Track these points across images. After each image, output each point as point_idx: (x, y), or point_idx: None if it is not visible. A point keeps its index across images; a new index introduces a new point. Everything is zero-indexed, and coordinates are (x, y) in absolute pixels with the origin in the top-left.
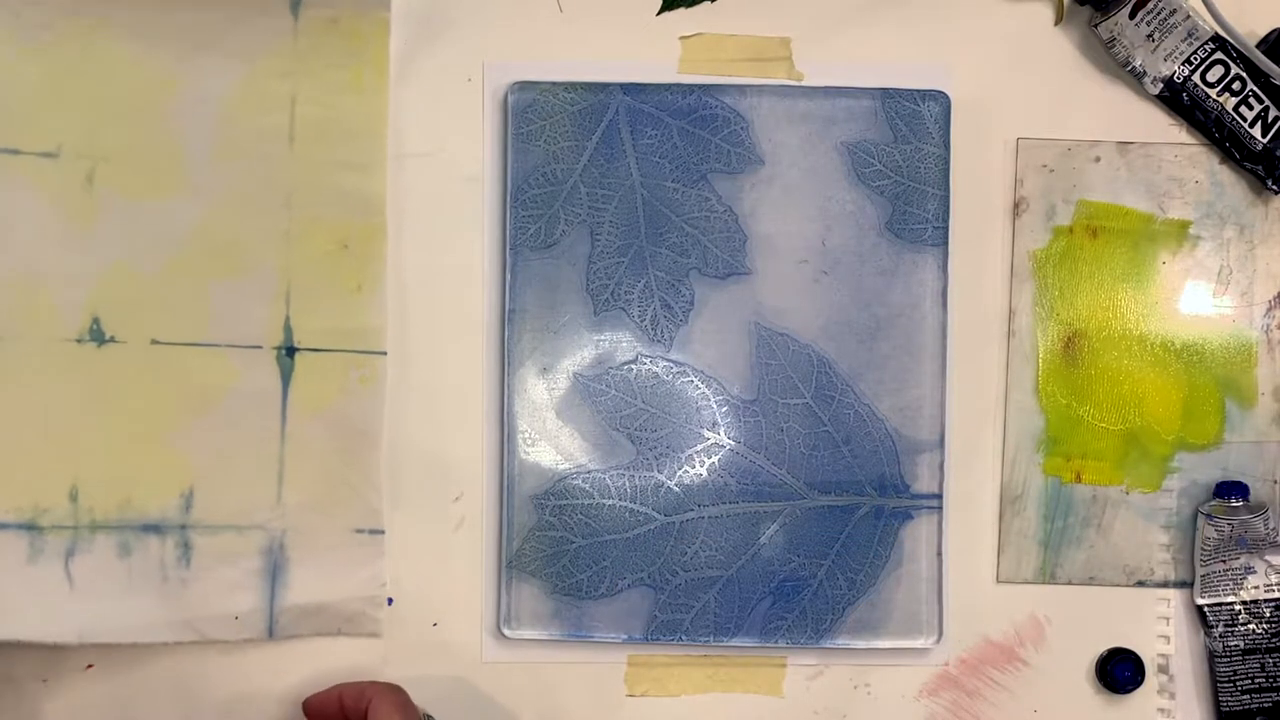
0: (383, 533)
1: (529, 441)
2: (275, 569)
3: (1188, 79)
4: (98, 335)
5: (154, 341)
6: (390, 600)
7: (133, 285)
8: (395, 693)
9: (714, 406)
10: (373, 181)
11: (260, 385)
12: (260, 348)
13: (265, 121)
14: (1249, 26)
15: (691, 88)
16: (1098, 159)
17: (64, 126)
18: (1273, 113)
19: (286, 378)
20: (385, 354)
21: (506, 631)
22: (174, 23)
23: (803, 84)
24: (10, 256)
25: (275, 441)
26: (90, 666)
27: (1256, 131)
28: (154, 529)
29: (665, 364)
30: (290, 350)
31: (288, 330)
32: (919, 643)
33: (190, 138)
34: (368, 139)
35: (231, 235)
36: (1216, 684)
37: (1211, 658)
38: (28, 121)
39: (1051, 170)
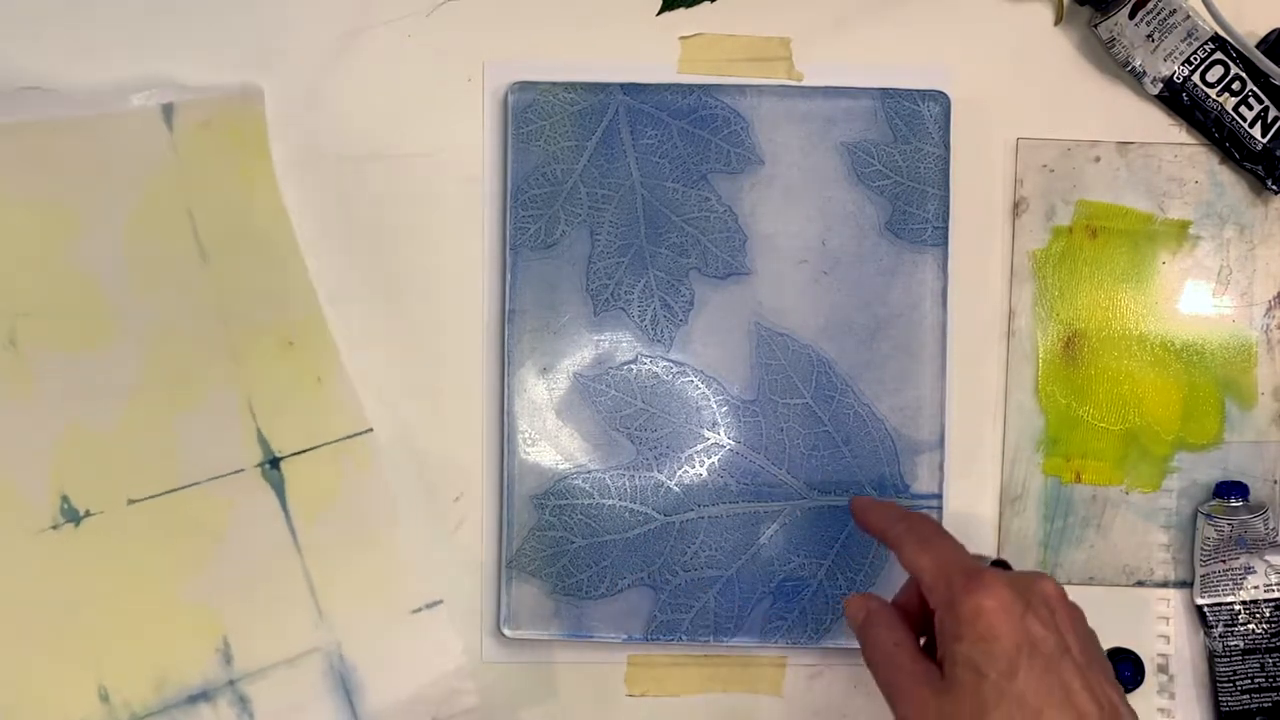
0: (440, 602)
1: (529, 441)
2: (345, 685)
3: (1187, 79)
4: (72, 514)
5: (131, 501)
6: None
7: (92, 447)
8: (923, 526)
9: (714, 406)
10: (294, 274)
11: (257, 508)
12: (243, 470)
13: (172, 245)
14: (1249, 26)
15: (691, 88)
16: (1098, 159)
17: None
18: (1272, 113)
19: (280, 490)
20: (371, 430)
21: (506, 631)
22: (59, 158)
23: (803, 84)
24: None
25: (293, 557)
26: None
27: (1256, 131)
28: (202, 697)
29: (665, 364)
30: (274, 462)
31: (264, 443)
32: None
33: (105, 276)
34: (274, 233)
35: (178, 368)
36: (1216, 684)
37: (1211, 658)
38: None
39: (1051, 170)
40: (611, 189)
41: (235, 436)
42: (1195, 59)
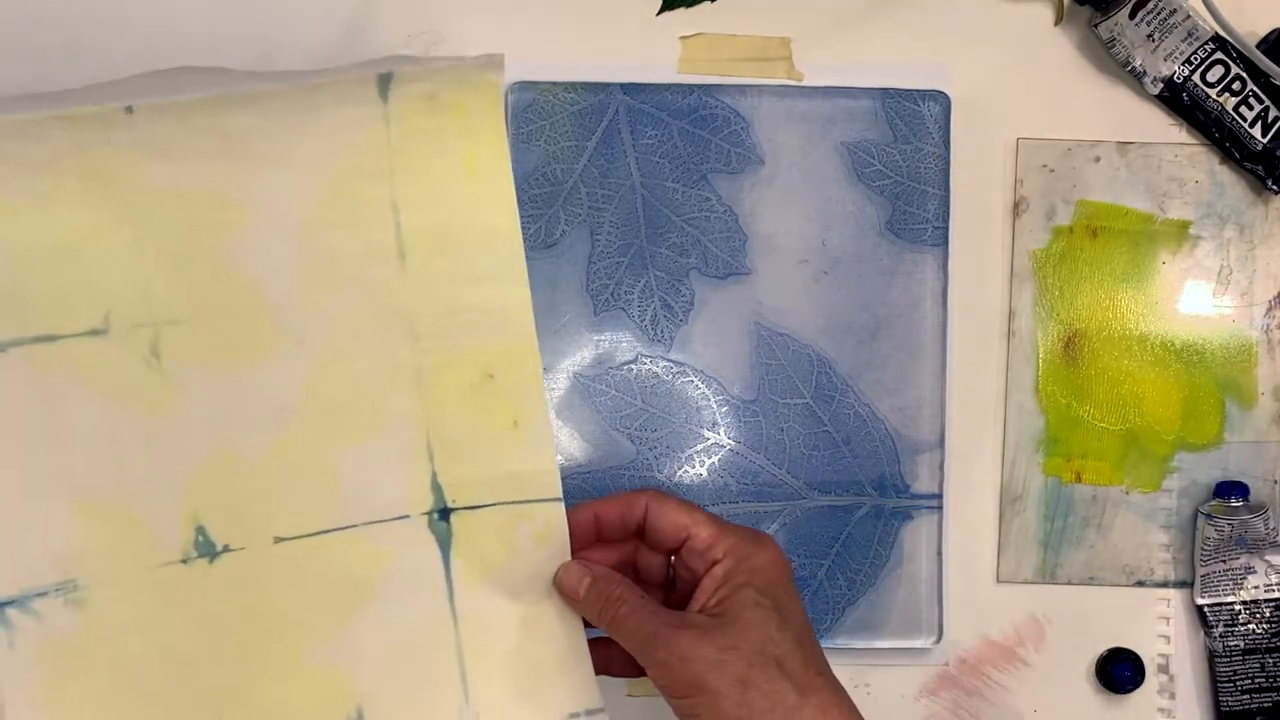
0: (602, 710)
1: None
2: None
3: (1188, 79)
4: (207, 548)
5: (278, 539)
6: None
7: (239, 476)
8: (668, 493)
9: (714, 406)
10: (512, 292)
11: (417, 563)
12: (408, 517)
13: (364, 238)
14: (1249, 26)
15: (691, 88)
16: (1098, 159)
17: (106, 290)
18: (1273, 113)
19: (445, 546)
20: (560, 500)
21: None
22: (227, 133)
23: (803, 84)
24: (74, 476)
25: (448, 627)
26: None
27: (1256, 131)
28: None
29: (665, 364)
30: (444, 513)
31: (437, 490)
32: (919, 643)
33: (272, 276)
34: (498, 239)
35: (350, 389)
36: (1216, 684)
37: (1211, 658)
38: (57, 294)
39: (1051, 170)
40: (611, 189)
41: (405, 477)
42: (1195, 59)
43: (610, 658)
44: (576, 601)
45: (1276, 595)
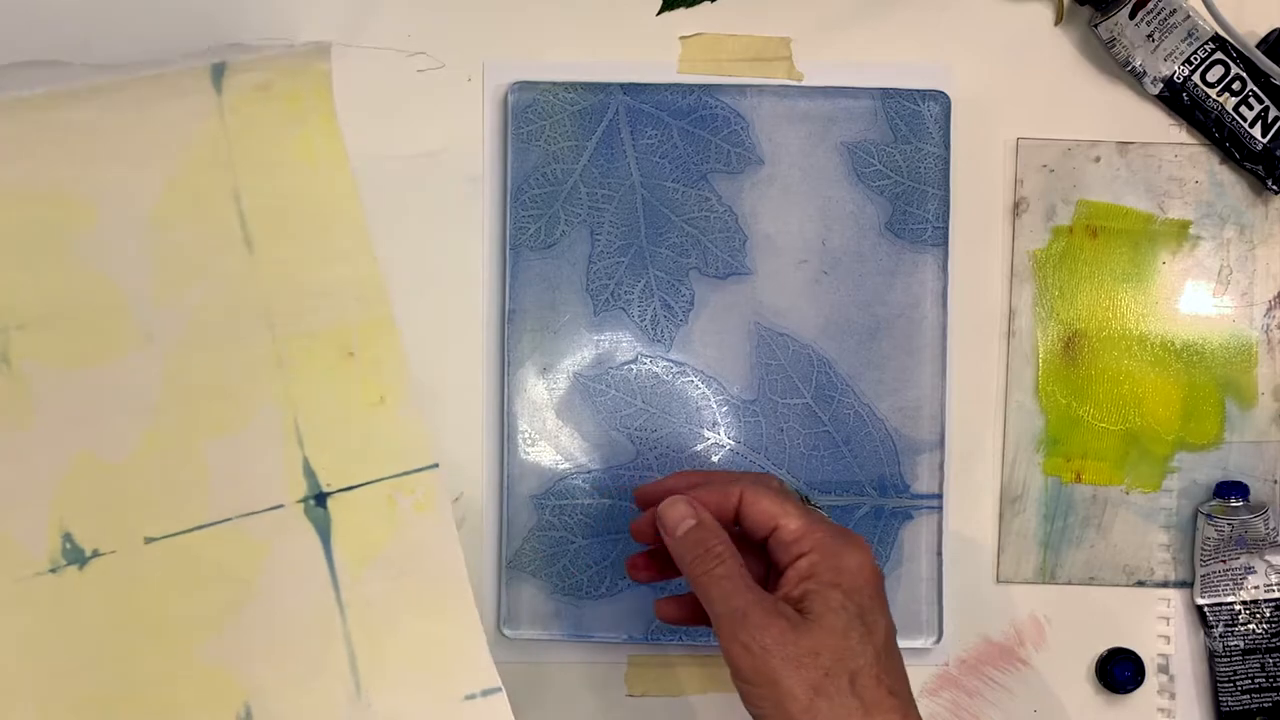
0: (500, 689)
1: (529, 441)
2: None
3: (1188, 79)
4: (75, 555)
5: (149, 540)
6: None
7: (104, 478)
8: (768, 480)
9: (714, 406)
10: (362, 266)
11: (296, 552)
12: (283, 506)
13: (209, 229)
14: (1249, 26)
15: (691, 88)
16: (1098, 159)
17: None
18: (1273, 113)
19: (325, 532)
20: (436, 466)
21: (506, 632)
22: (66, 129)
23: (803, 84)
24: None
25: (334, 617)
26: None
27: (1256, 131)
28: None
29: (665, 364)
30: (320, 498)
31: (310, 475)
32: (919, 643)
33: (124, 272)
34: (341, 218)
35: (210, 381)
36: (1216, 684)
37: (1211, 658)
38: None
39: (1051, 170)
40: (611, 189)
41: (277, 466)
42: (1195, 59)
43: (680, 604)
44: (670, 539)
45: (1276, 595)
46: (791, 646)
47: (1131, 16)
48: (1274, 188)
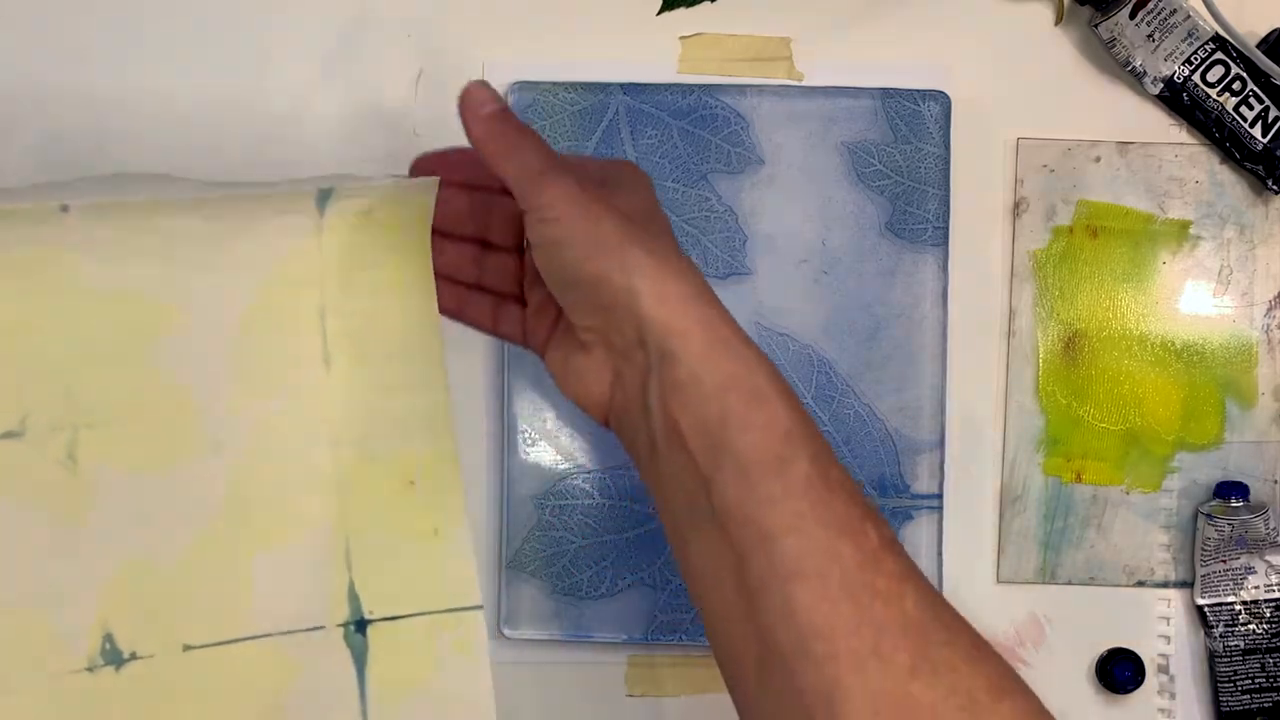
0: None
1: (529, 441)
2: None
3: (1188, 79)
4: (114, 656)
5: (187, 647)
6: None
7: (152, 582)
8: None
9: None
10: (432, 398)
11: (329, 677)
12: (322, 628)
13: (293, 343)
14: (1249, 26)
15: (691, 88)
16: (1098, 159)
17: (25, 391)
18: (1273, 113)
19: (361, 660)
20: (481, 608)
21: (506, 632)
22: (164, 235)
23: (803, 84)
24: None
25: None
26: None
27: (1257, 131)
28: None
29: None
30: (360, 624)
31: (354, 600)
32: None
33: (199, 377)
34: (419, 348)
35: (268, 494)
36: (1217, 684)
37: (1212, 658)
38: None
39: (1051, 170)
40: None
41: (322, 587)
42: (1196, 59)
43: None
44: (477, 120)
45: (1277, 595)
46: (583, 192)
47: (1132, 16)
48: (1274, 188)
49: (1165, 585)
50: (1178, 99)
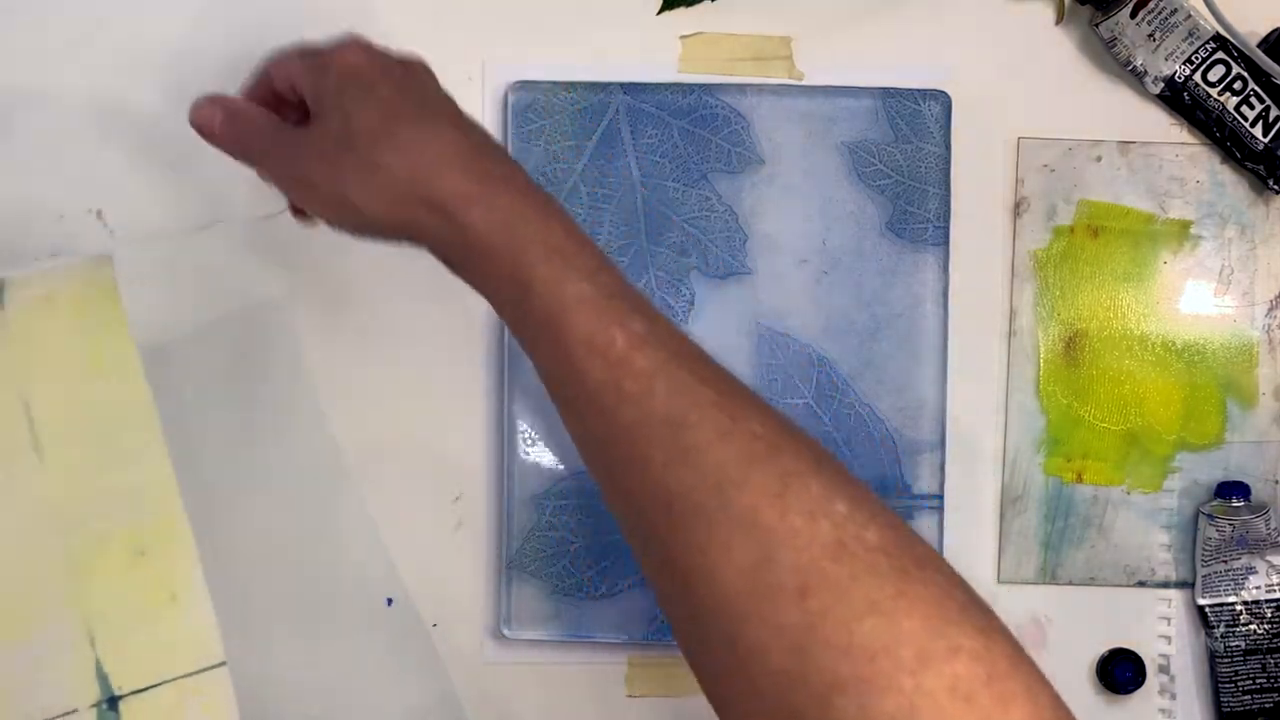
0: None
1: (529, 441)
2: None
3: (1189, 79)
4: None
5: None
6: (390, 600)
7: None
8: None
9: None
10: (152, 467)
11: None
12: (75, 710)
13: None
14: (1250, 26)
15: (691, 87)
16: (1099, 159)
17: None
18: (1274, 112)
19: None
20: (224, 665)
21: (506, 632)
22: None
23: (803, 83)
24: None
25: None
26: None
27: (1258, 131)
28: None
29: None
30: (112, 701)
31: (102, 678)
32: None
33: None
34: (133, 422)
35: (3, 588)
36: (1217, 684)
37: (1212, 658)
38: None
39: (1052, 170)
40: (611, 188)
41: (70, 671)
42: (1197, 58)
43: None
44: (215, 139)
45: (1278, 595)
46: (305, 144)
47: (1133, 16)
48: (1275, 187)
49: (1166, 585)
50: (1179, 99)
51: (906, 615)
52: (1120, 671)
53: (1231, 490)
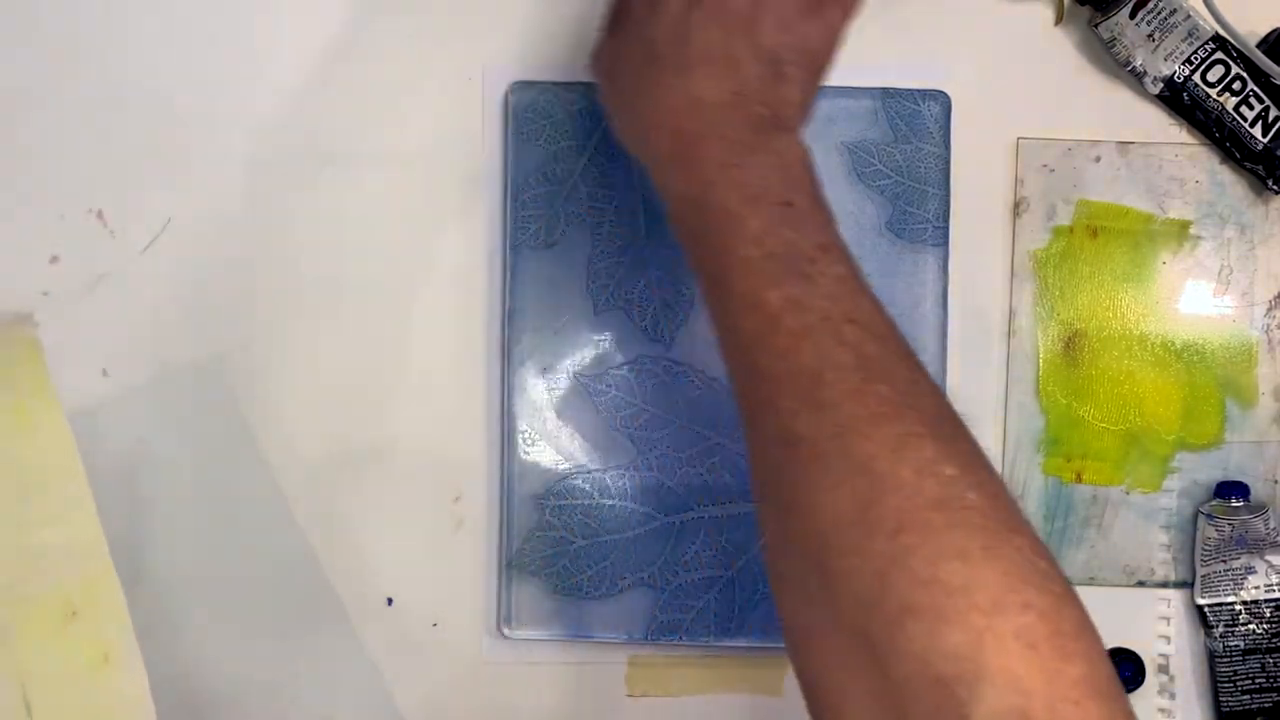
0: None
1: (529, 441)
2: None
3: (1188, 79)
4: None
5: None
6: (390, 600)
7: None
8: None
9: (714, 406)
10: (79, 525)
11: None
12: None
13: None
14: (1249, 26)
15: None
16: (1098, 159)
17: None
18: (1273, 113)
19: None
20: None
21: (507, 631)
22: None
23: None
24: None
25: None
26: None
27: (1257, 131)
28: None
29: (665, 364)
30: None
31: None
32: None
33: None
34: (59, 482)
35: None
36: (1217, 684)
37: (1212, 658)
38: None
39: (1052, 170)
40: (611, 189)
41: None
42: (1196, 59)
43: None
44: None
45: (1277, 595)
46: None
47: (1132, 16)
48: (1274, 187)
49: (1165, 585)
50: (1178, 99)
51: (989, 567)
52: (1119, 671)
53: (1231, 490)
